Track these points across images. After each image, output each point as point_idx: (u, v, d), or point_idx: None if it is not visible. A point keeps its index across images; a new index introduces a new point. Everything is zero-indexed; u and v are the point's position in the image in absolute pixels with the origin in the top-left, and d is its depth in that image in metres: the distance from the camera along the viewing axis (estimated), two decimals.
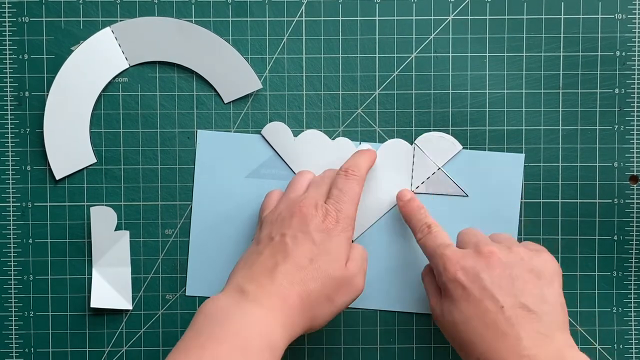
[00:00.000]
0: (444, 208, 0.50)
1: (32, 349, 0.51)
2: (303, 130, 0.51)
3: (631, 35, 0.50)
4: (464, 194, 0.50)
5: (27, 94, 0.50)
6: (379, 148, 0.50)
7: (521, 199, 0.50)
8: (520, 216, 0.51)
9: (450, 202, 0.50)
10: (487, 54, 0.50)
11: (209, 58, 0.50)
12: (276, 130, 0.50)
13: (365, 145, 0.50)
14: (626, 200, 0.51)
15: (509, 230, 0.50)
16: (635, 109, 0.50)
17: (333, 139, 0.51)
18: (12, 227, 0.51)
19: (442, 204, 0.50)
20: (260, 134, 0.50)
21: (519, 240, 0.51)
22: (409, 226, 0.48)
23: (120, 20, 0.50)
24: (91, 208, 0.49)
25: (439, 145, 0.50)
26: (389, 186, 0.50)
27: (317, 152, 0.50)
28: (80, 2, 0.50)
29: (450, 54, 0.50)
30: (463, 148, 0.50)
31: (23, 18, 0.50)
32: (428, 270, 0.45)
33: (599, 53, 0.50)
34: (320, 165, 0.50)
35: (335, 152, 0.50)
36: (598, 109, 0.51)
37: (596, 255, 0.51)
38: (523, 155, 0.50)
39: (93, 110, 0.50)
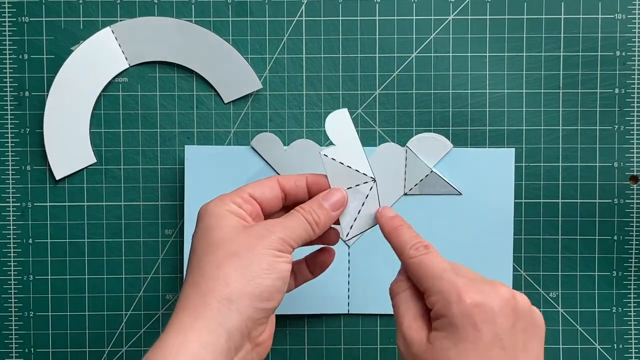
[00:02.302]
0: (438, 208, 0.50)
1: (32, 349, 0.51)
2: (303, 131, 0.51)
3: (631, 35, 0.50)
4: (458, 193, 0.50)
5: (27, 94, 0.50)
6: (371, 154, 0.50)
7: (521, 198, 0.51)
8: (520, 216, 0.51)
9: (445, 202, 0.50)
10: (487, 54, 0.50)
11: (209, 58, 0.50)
12: (266, 141, 0.50)
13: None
14: (626, 200, 0.51)
15: (504, 225, 0.50)
16: (635, 109, 0.50)
17: (326, 146, 0.51)
18: (12, 227, 0.51)
19: (436, 204, 0.50)
20: (250, 145, 0.50)
21: (519, 240, 0.51)
22: (395, 244, 0.38)
23: (120, 20, 0.50)
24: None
25: (430, 145, 0.50)
26: (383, 191, 0.50)
27: (308, 161, 0.50)
28: (80, 2, 0.50)
29: (451, 54, 0.50)
30: (462, 147, 0.50)
31: (23, 18, 0.50)
32: (405, 287, 0.37)
33: (599, 53, 0.50)
34: (313, 173, 0.50)
35: None
36: (598, 109, 0.51)
37: (596, 255, 0.51)
38: (513, 149, 0.50)
39: (93, 110, 0.50)
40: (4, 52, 0.50)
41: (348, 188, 0.40)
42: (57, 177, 0.50)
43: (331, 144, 0.51)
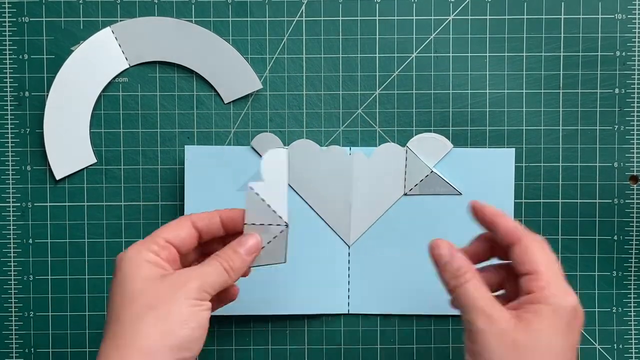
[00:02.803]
0: (438, 208, 0.50)
1: (32, 349, 0.51)
2: (303, 131, 0.51)
3: (631, 35, 0.50)
4: (458, 193, 0.50)
5: (27, 94, 0.50)
6: (371, 154, 0.50)
7: (521, 198, 0.51)
8: (520, 216, 0.51)
9: (445, 202, 0.50)
10: (487, 54, 0.50)
11: (209, 58, 0.50)
12: (266, 141, 0.50)
13: (357, 153, 0.50)
14: (626, 200, 0.51)
15: None
16: (635, 109, 0.50)
17: (332, 140, 0.51)
18: (12, 227, 0.51)
19: (436, 204, 0.50)
20: (250, 145, 0.50)
21: None
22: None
23: (120, 20, 0.50)
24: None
25: (430, 145, 0.50)
26: (383, 191, 0.50)
27: (308, 161, 0.50)
28: (80, 2, 0.50)
29: (451, 54, 0.50)
30: (462, 147, 0.50)
31: (23, 18, 0.50)
32: (474, 274, 0.38)
33: (599, 53, 0.50)
34: (311, 174, 0.50)
35: (326, 161, 0.50)
36: (598, 109, 0.51)
37: (596, 255, 0.51)
38: (513, 149, 0.50)
39: (93, 110, 0.50)
40: (4, 52, 0.50)
41: (260, 224, 0.41)
42: (57, 177, 0.50)
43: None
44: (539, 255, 0.37)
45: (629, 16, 0.50)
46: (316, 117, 0.51)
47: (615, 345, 0.51)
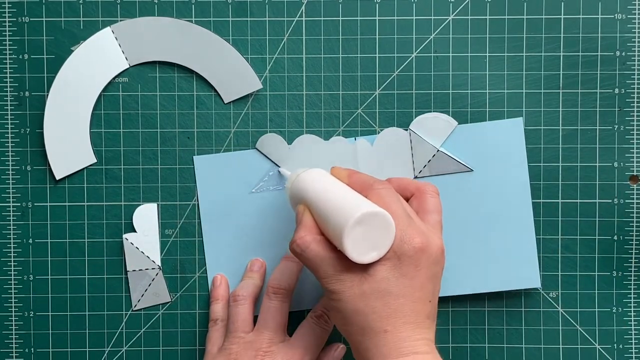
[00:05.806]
0: (451, 187, 0.50)
1: (32, 349, 0.51)
2: (303, 131, 0.51)
3: (631, 35, 0.50)
4: (469, 169, 0.50)
5: (27, 94, 0.50)
6: (374, 141, 0.50)
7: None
8: None
9: (457, 180, 0.50)
10: (487, 54, 0.50)
11: (209, 58, 0.50)
12: (270, 142, 0.50)
13: (360, 140, 0.50)
14: (626, 200, 0.51)
15: (522, 195, 0.50)
16: (635, 109, 0.50)
17: (327, 139, 0.51)
18: (12, 227, 0.51)
19: (449, 184, 0.50)
20: (255, 147, 0.50)
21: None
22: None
23: (120, 20, 0.50)
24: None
25: (434, 125, 0.50)
26: (392, 176, 0.50)
27: (313, 155, 0.50)
28: (80, 2, 0.50)
29: (450, 54, 0.50)
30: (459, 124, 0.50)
31: (23, 18, 0.50)
32: (311, 239, 0.40)
33: (599, 53, 0.50)
34: (319, 167, 0.50)
35: (331, 152, 0.50)
36: (598, 109, 0.51)
37: (596, 255, 0.51)
38: (521, 118, 0.50)
39: (93, 110, 0.50)
40: (4, 52, 0.50)
41: (139, 270, 0.50)
42: (57, 177, 0.50)
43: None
44: (388, 200, 0.40)
45: (629, 16, 0.50)
46: (316, 117, 0.51)
47: (615, 345, 0.51)
